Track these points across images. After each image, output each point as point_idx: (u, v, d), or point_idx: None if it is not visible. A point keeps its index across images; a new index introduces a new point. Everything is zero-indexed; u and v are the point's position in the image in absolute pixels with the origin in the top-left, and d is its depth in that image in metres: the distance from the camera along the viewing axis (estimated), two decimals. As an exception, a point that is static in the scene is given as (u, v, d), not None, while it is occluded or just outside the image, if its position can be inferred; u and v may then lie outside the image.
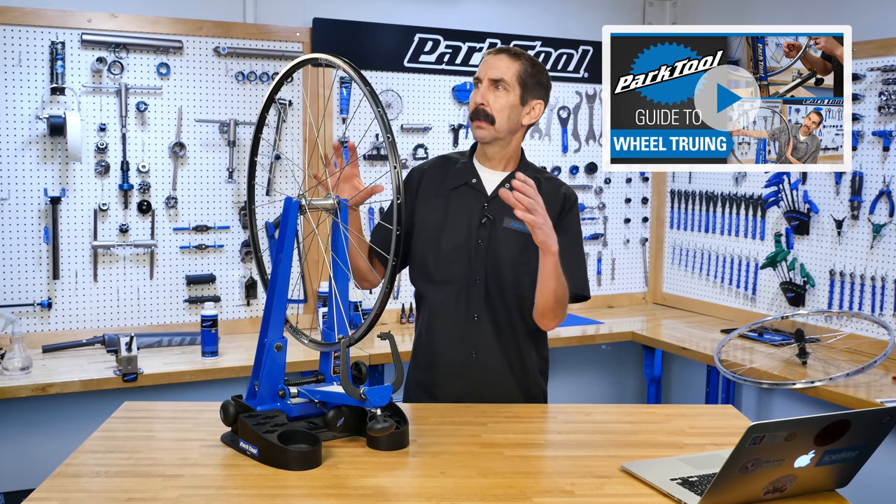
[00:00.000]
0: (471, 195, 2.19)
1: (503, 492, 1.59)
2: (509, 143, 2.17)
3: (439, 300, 2.19)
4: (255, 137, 2.04)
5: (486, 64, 2.14)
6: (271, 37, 3.57)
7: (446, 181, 2.22)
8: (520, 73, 2.12)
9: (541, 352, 2.25)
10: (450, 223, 2.18)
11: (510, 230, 2.14)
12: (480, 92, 2.13)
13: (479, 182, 2.19)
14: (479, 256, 2.14)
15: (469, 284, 2.15)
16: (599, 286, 4.38)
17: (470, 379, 2.17)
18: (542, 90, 2.18)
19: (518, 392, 2.20)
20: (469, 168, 2.22)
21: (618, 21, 4.27)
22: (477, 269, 2.14)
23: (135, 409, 2.07)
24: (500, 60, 2.13)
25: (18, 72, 3.19)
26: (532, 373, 2.22)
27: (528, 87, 2.14)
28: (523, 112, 2.15)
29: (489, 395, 2.15)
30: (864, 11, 3.45)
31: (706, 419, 2.11)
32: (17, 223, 3.23)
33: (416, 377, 2.26)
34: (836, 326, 3.49)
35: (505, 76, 2.11)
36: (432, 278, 2.19)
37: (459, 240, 2.16)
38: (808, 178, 3.62)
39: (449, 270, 2.16)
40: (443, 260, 2.16)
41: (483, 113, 2.11)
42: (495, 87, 2.12)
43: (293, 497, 1.57)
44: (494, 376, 2.17)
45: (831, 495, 1.60)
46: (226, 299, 3.59)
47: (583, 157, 4.27)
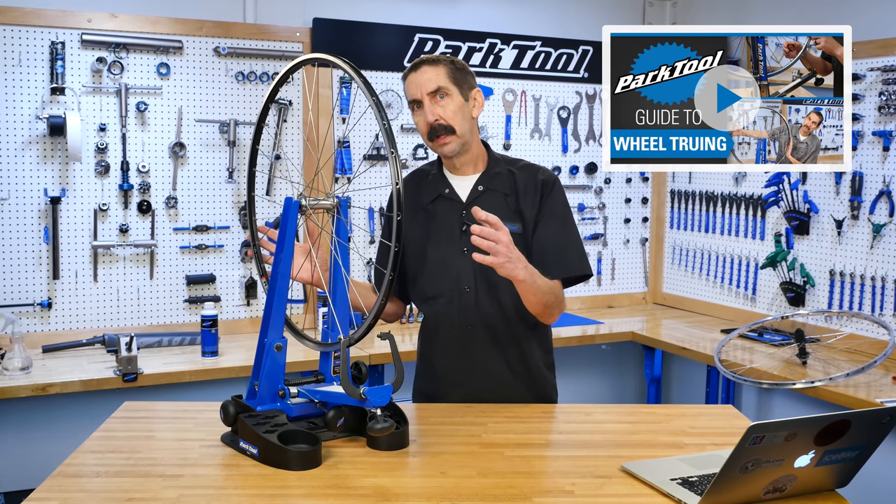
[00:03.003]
0: (448, 206, 2.17)
1: (503, 492, 1.59)
2: (471, 144, 2.15)
3: (433, 313, 2.19)
4: (258, 127, 2.04)
5: (414, 83, 2.10)
6: (271, 37, 3.57)
7: (421, 196, 2.20)
8: (448, 74, 2.09)
9: (544, 345, 2.23)
10: (433, 237, 2.17)
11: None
12: (426, 110, 2.08)
13: (452, 192, 2.17)
14: (465, 265, 2.11)
15: (460, 294, 2.13)
16: (599, 286, 4.38)
17: (472, 387, 2.16)
18: (471, 78, 2.15)
19: (525, 393, 2.18)
20: (441, 179, 2.19)
21: (618, 21, 4.27)
22: (465, 278, 2.13)
23: (135, 409, 2.07)
24: (425, 73, 2.08)
25: (18, 72, 3.19)
26: (537, 370, 2.20)
27: (462, 82, 2.11)
28: (469, 107, 2.12)
29: (495, 401, 2.14)
30: (864, 11, 3.45)
31: (706, 419, 2.11)
32: (17, 223, 3.23)
33: (420, 387, 2.27)
34: (836, 326, 3.49)
35: (439, 83, 2.07)
36: (425, 295, 2.19)
37: (444, 252, 2.15)
38: (808, 178, 3.62)
39: (438, 284, 2.16)
40: (431, 275, 2.16)
41: (441, 127, 2.08)
42: (437, 97, 2.08)
43: (293, 497, 1.57)
44: (497, 382, 2.16)
45: (831, 495, 1.60)
46: (226, 299, 3.59)
47: (583, 157, 4.27)
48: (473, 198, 2.15)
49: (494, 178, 2.16)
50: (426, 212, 2.19)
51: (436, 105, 2.08)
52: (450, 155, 2.12)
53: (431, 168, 2.24)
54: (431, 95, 2.07)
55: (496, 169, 2.17)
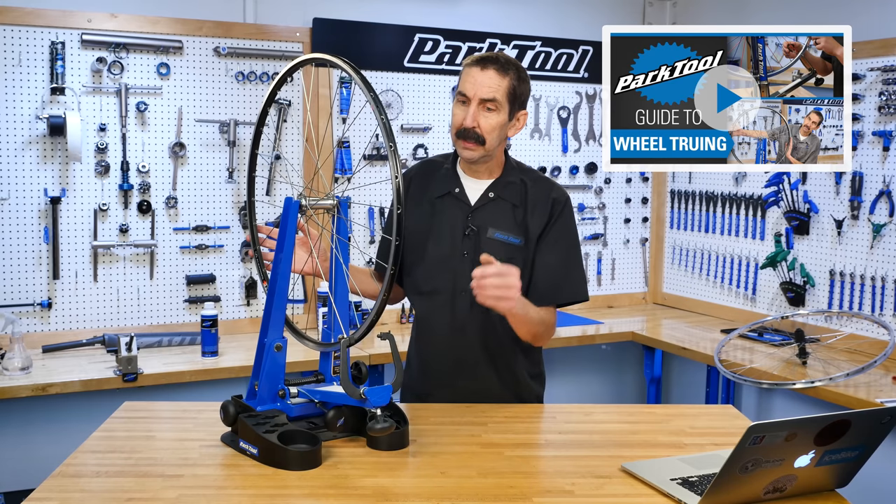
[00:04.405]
0: (455, 205, 2.14)
1: (503, 492, 1.59)
2: (494, 155, 2.12)
3: (427, 310, 2.19)
4: (258, 129, 2.04)
5: (474, 80, 2.03)
6: (271, 37, 3.57)
7: (431, 188, 2.17)
8: (509, 89, 2.03)
9: (531, 357, 2.21)
10: (435, 233, 2.14)
11: (495, 240, 2.10)
12: (470, 113, 2.02)
13: (462, 192, 2.15)
14: (464, 268, 2.09)
15: (455, 295, 2.12)
16: (599, 286, 4.38)
17: (459, 387, 2.15)
18: (527, 97, 2.11)
19: (512, 399, 2.18)
20: (453, 176, 2.16)
21: (618, 21, 4.27)
22: (463, 281, 2.09)
23: (135, 409, 2.07)
24: (490, 78, 2.02)
25: (18, 72, 3.19)
26: (523, 378, 2.20)
27: (516, 101, 2.07)
28: (510, 126, 2.09)
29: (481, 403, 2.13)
30: (864, 11, 3.45)
31: (706, 419, 2.11)
32: (17, 223, 3.23)
33: (408, 384, 2.26)
34: (836, 326, 3.49)
35: (496, 95, 2.02)
36: (420, 289, 2.18)
37: (444, 251, 2.13)
38: (808, 178, 3.62)
39: (435, 282, 2.14)
40: (429, 271, 2.14)
41: (473, 134, 2.03)
42: (485, 107, 2.03)
43: (293, 497, 1.57)
44: (484, 385, 2.16)
45: (831, 495, 1.60)
46: (226, 299, 3.59)
47: (583, 157, 4.27)
48: (482, 203, 2.13)
49: (507, 186, 2.14)
50: (432, 205, 2.16)
51: (480, 113, 2.02)
52: (469, 160, 2.11)
53: (445, 161, 2.21)
54: (482, 102, 2.02)
55: (510, 178, 2.15)
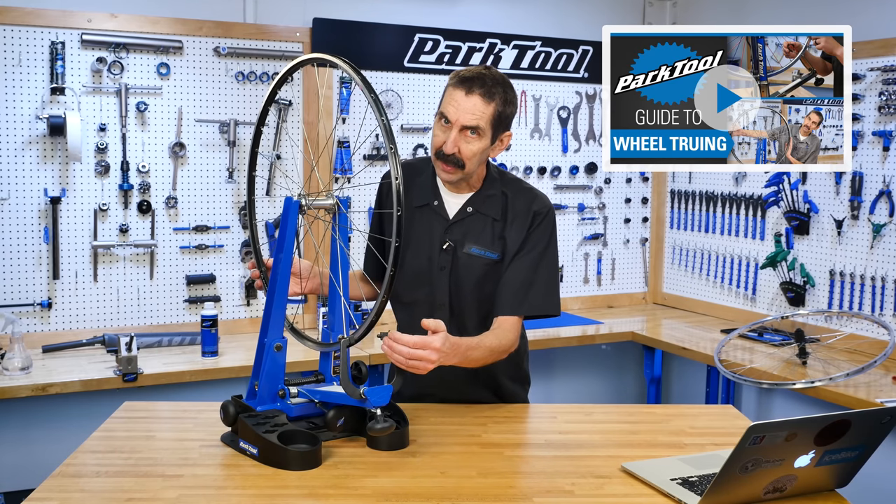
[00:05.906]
0: (433, 217, 2.10)
1: (503, 492, 1.59)
2: (473, 174, 2.05)
3: (405, 320, 2.17)
4: (258, 130, 2.04)
5: (457, 105, 1.95)
6: (271, 37, 3.57)
7: (410, 195, 2.10)
8: (494, 116, 1.96)
9: (512, 359, 2.12)
10: (413, 244, 2.10)
11: (472, 255, 2.07)
12: (451, 138, 1.95)
13: (441, 205, 2.10)
14: (441, 282, 2.07)
15: (433, 308, 2.09)
16: (599, 286, 4.37)
17: (439, 396, 2.14)
18: (511, 119, 2.03)
19: (495, 402, 2.17)
20: (433, 187, 2.11)
21: (618, 21, 4.27)
22: (440, 294, 2.08)
23: (135, 409, 2.07)
24: (474, 105, 1.94)
25: (18, 72, 3.19)
26: (505, 383, 2.18)
27: (500, 127, 2.00)
28: (492, 148, 2.03)
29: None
30: (864, 11, 3.45)
31: (706, 419, 2.11)
32: (17, 223, 3.23)
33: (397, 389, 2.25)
34: (836, 326, 3.49)
35: (480, 123, 1.95)
36: (400, 299, 2.16)
37: (423, 264, 2.09)
38: (808, 178, 3.62)
39: (413, 293, 2.12)
40: (408, 283, 2.10)
41: (453, 159, 1.97)
42: (468, 132, 1.96)
43: (293, 497, 1.57)
44: (462, 392, 2.13)
45: (831, 495, 1.60)
46: (226, 299, 3.59)
47: (583, 157, 4.27)
48: (460, 218, 2.09)
49: (486, 200, 2.09)
50: (410, 212, 2.11)
51: (462, 139, 1.96)
52: (446, 181, 2.06)
53: (425, 168, 2.15)
54: (464, 129, 1.96)
55: (490, 191, 2.10)
